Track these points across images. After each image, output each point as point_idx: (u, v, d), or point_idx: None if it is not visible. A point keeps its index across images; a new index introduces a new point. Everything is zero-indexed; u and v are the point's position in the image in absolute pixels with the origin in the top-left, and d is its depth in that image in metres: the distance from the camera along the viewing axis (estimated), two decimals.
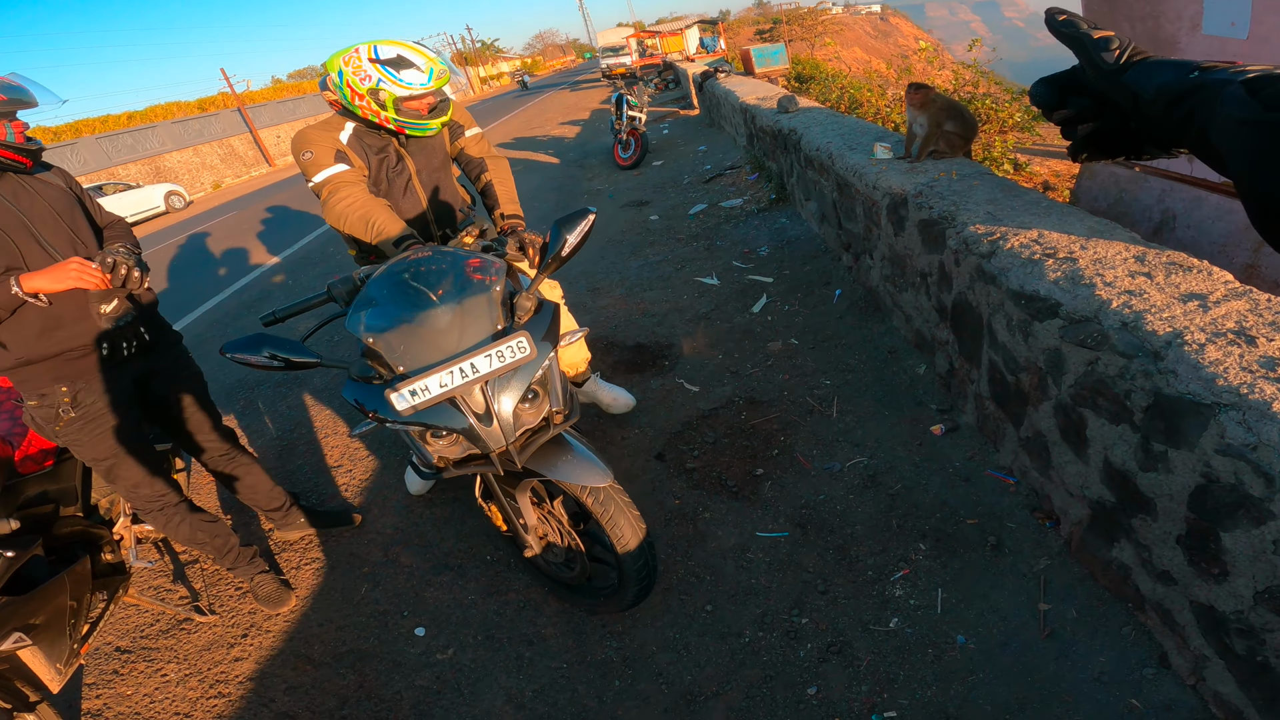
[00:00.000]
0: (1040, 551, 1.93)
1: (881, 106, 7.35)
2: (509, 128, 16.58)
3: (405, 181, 2.34)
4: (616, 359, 3.58)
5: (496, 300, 1.60)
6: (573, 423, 1.76)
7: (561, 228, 1.63)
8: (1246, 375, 1.31)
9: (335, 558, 2.65)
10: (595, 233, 5.87)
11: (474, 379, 1.48)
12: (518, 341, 1.51)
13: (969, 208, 2.47)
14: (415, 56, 2.13)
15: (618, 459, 2.78)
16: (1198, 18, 2.46)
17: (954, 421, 2.56)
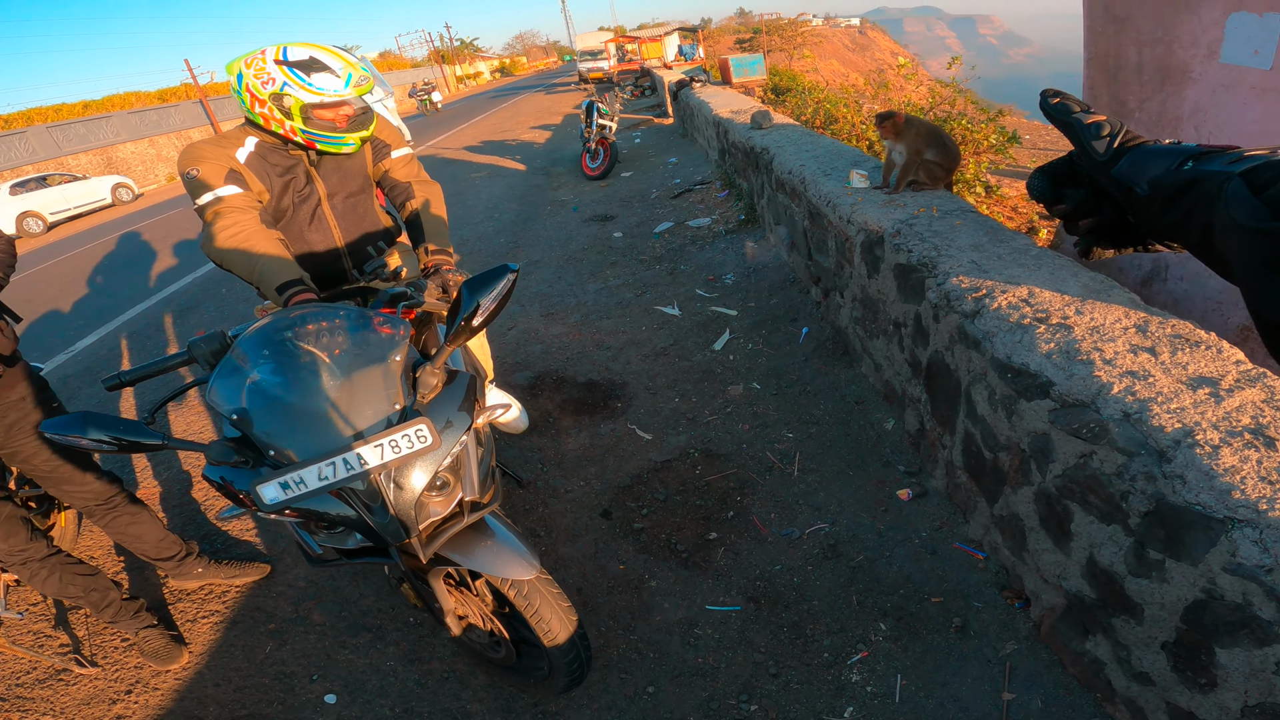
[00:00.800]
0: (1008, 635, 1.82)
1: (857, 123, 7.15)
2: (479, 130, 16.16)
3: (314, 208, 2.01)
4: (565, 397, 3.31)
5: (396, 372, 1.35)
6: (492, 509, 1.54)
7: (473, 291, 1.35)
8: (1266, 488, 1.15)
9: (238, 611, 2.38)
10: (555, 249, 5.55)
11: (360, 472, 1.24)
12: (416, 430, 1.27)
13: (951, 254, 2.21)
14: (330, 59, 1.83)
15: (559, 515, 2.54)
16: (1216, 44, 2.23)
17: (922, 486, 2.37)
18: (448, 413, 1.38)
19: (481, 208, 7.51)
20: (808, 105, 8.23)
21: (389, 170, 2.14)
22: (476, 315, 1.33)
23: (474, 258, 5.75)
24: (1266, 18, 2.04)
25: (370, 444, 1.23)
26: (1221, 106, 2.27)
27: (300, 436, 1.26)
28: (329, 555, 1.44)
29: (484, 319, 1.35)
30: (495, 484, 1.60)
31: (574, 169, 8.93)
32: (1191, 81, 2.35)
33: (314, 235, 2.02)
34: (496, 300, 1.36)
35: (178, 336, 5.25)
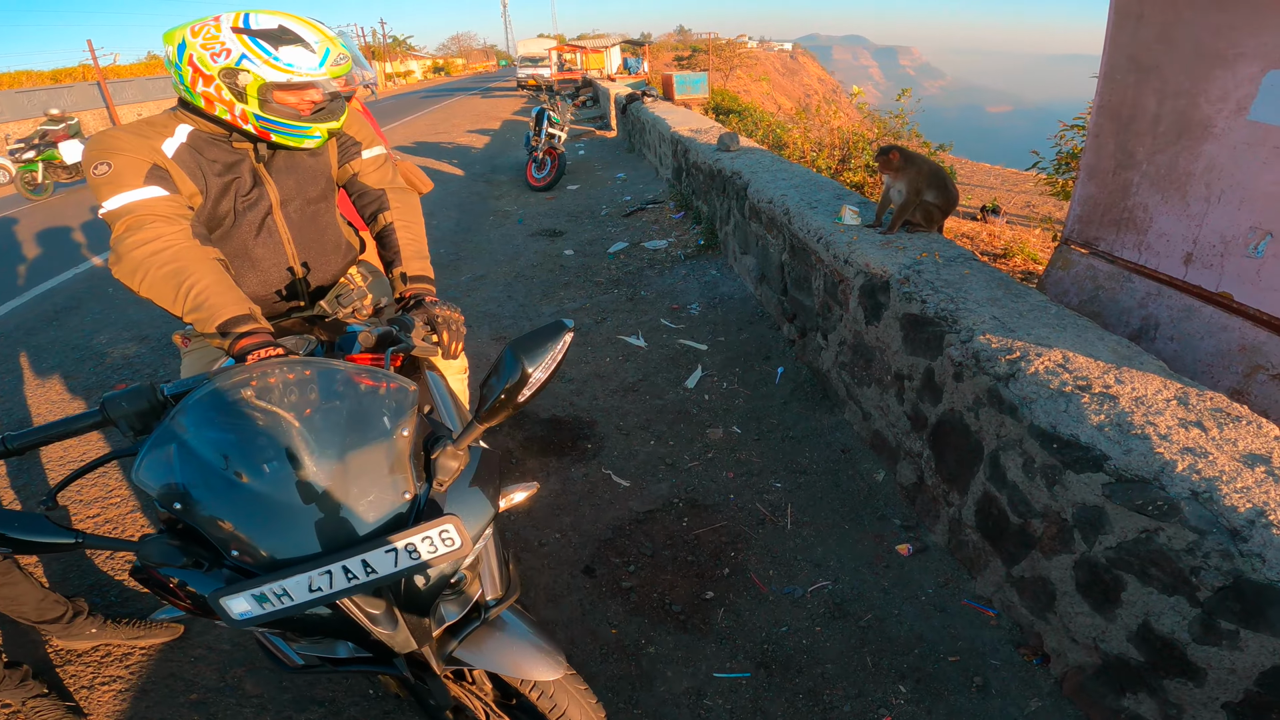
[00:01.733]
0: (1030, 692, 1.78)
1: (806, 149, 7.16)
2: (411, 130, 15.44)
3: (262, 217, 1.59)
4: (528, 435, 3.02)
5: (404, 450, 1.03)
6: (511, 602, 1.27)
7: (521, 355, 1.05)
8: None
9: (147, 678, 1.98)
10: (501, 263, 5.21)
11: (366, 581, 0.94)
12: (441, 531, 0.96)
13: (970, 308, 2.09)
14: (304, 30, 1.43)
15: (537, 571, 2.29)
16: (1246, 100, 2.19)
17: (922, 542, 2.29)
18: (469, 501, 1.09)
19: None
20: (757, 128, 8.21)
21: (358, 173, 1.75)
22: (525, 387, 1.05)
23: None
24: None
25: (381, 548, 0.93)
26: (1239, 165, 2.25)
27: (277, 535, 0.94)
28: (312, 663, 1.12)
29: (532, 394, 1.07)
30: (513, 571, 1.34)
31: (516, 178, 8.57)
32: (1212, 137, 2.33)
33: (261, 251, 1.61)
34: (549, 369, 1.09)
35: (54, 347, 4.47)
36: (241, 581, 0.89)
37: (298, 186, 1.63)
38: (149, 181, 1.40)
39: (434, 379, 1.67)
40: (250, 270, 1.62)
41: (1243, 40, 2.22)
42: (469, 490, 1.11)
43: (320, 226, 1.71)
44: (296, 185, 1.62)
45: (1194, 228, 2.39)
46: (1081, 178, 2.88)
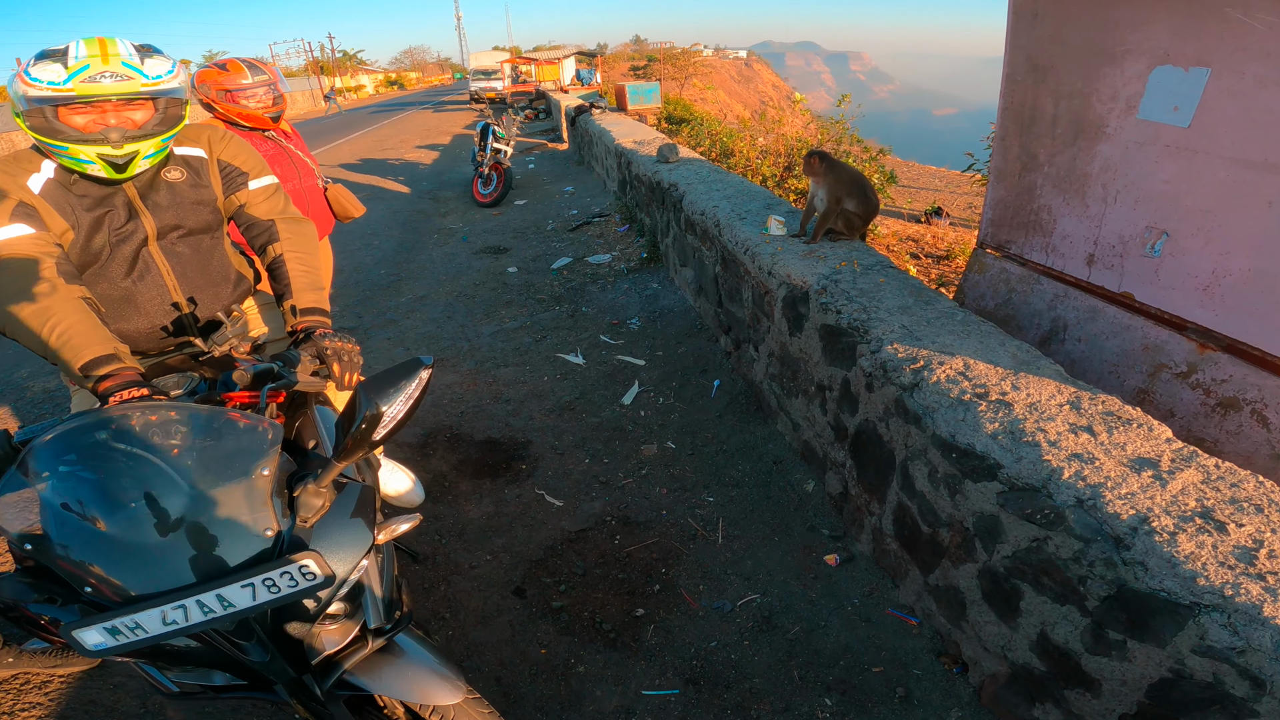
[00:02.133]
0: (950, 701, 1.80)
1: (752, 157, 7.24)
2: (357, 147, 15.18)
3: (136, 250, 1.54)
4: (462, 457, 2.98)
5: (264, 490, 1.08)
6: (401, 629, 1.31)
7: (374, 394, 1.07)
8: (1227, 573, 1.20)
9: (67, 705, 1.93)
10: (444, 283, 5.14)
11: (223, 615, 0.98)
12: (301, 568, 1.01)
13: (881, 317, 2.12)
14: (80, 47, 1.37)
15: (466, 594, 2.25)
16: (1135, 99, 2.24)
17: (849, 551, 2.32)
18: (339, 534, 1.12)
19: (359, 234, 6.90)
20: (705, 137, 8.28)
21: (245, 205, 1.70)
22: (379, 427, 1.07)
23: (348, 291, 5.21)
24: (1191, 72, 2.07)
25: (237, 584, 0.97)
26: (1132, 165, 2.31)
27: (133, 572, 0.98)
28: (190, 689, 1.15)
29: (387, 433, 1.08)
30: (404, 599, 1.37)
31: (464, 194, 8.48)
32: (1105, 137, 2.38)
33: (139, 287, 1.56)
34: (407, 405, 1.10)
35: None
36: (94, 615, 0.92)
37: (177, 217, 1.58)
38: (14, 219, 1.37)
39: (325, 414, 1.64)
40: (130, 307, 1.57)
41: (1128, 36, 2.25)
42: (347, 523, 1.14)
43: (205, 259, 1.67)
44: (176, 216, 1.58)
45: (1094, 229, 2.46)
46: (991, 181, 2.95)
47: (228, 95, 2.51)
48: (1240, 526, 1.28)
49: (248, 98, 2.53)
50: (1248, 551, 1.23)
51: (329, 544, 1.09)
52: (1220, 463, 1.46)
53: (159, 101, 1.44)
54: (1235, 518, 1.30)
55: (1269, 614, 1.11)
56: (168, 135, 1.48)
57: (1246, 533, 1.27)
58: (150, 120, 1.45)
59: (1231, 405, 2.15)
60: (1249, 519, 1.30)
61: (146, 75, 1.39)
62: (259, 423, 1.14)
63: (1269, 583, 1.16)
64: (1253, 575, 1.18)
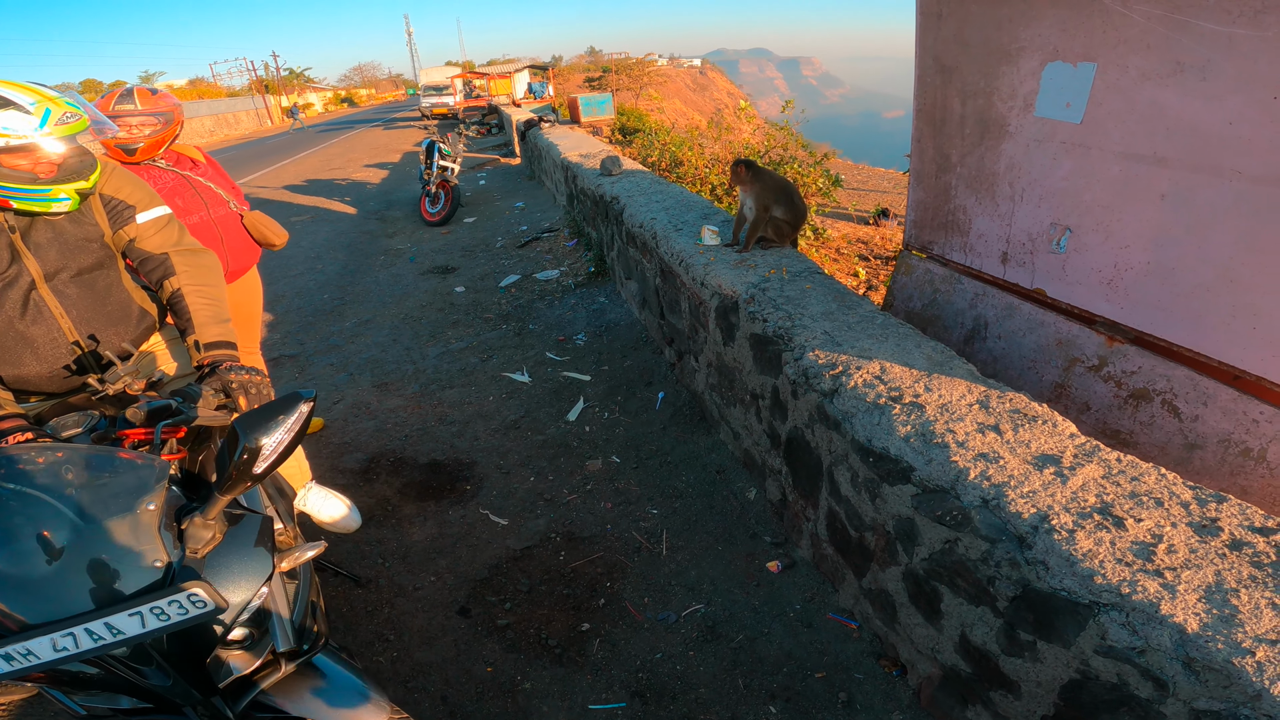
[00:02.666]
0: (891, 704, 1.82)
1: (701, 166, 7.33)
2: (303, 168, 14.90)
3: (25, 294, 1.51)
4: (406, 480, 2.96)
5: (151, 524, 1.11)
6: (316, 652, 1.33)
7: (250, 430, 1.09)
8: (1124, 570, 1.20)
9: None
10: (389, 305, 5.08)
11: (113, 641, 1.01)
12: (190, 596, 1.03)
13: (805, 323, 2.17)
14: (19, 95, 1.39)
15: (410, 615, 2.24)
16: (1032, 97, 2.32)
17: (790, 557, 2.35)
18: (235, 563, 1.16)
19: (302, 258, 6.78)
20: (654, 148, 8.35)
21: (135, 239, 1.65)
22: (258, 461, 1.10)
23: (290, 317, 5.11)
24: (1080, 68, 2.13)
25: (124, 612, 1.00)
26: (1034, 162, 2.38)
27: (25, 602, 1.02)
28: (98, 713, 1.18)
29: (267, 466, 1.10)
30: (319, 622, 1.38)
31: (412, 213, 8.40)
32: (1008, 135, 2.45)
33: (34, 330, 1.52)
34: (284, 439, 1.12)
35: None
36: None
37: (64, 256, 1.55)
38: None
39: None
40: (26, 349, 1.54)
41: (1020, 33, 2.30)
42: (244, 552, 1.17)
43: (100, 297, 1.62)
44: (63, 255, 1.55)
45: (1005, 227, 2.55)
46: (911, 183, 3.02)
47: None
48: (1139, 521, 1.28)
49: (129, 126, 2.35)
50: (1146, 547, 1.22)
51: (224, 573, 1.13)
52: (1122, 456, 1.47)
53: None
54: (1134, 512, 1.30)
55: (1166, 612, 1.10)
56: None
57: (1145, 528, 1.26)
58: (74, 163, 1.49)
59: (1143, 396, 2.22)
60: (1148, 513, 1.30)
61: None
62: (145, 460, 1.18)
63: (1167, 579, 1.15)
64: (1150, 572, 1.17)
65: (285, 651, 1.27)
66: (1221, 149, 1.86)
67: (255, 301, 2.88)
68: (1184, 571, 1.17)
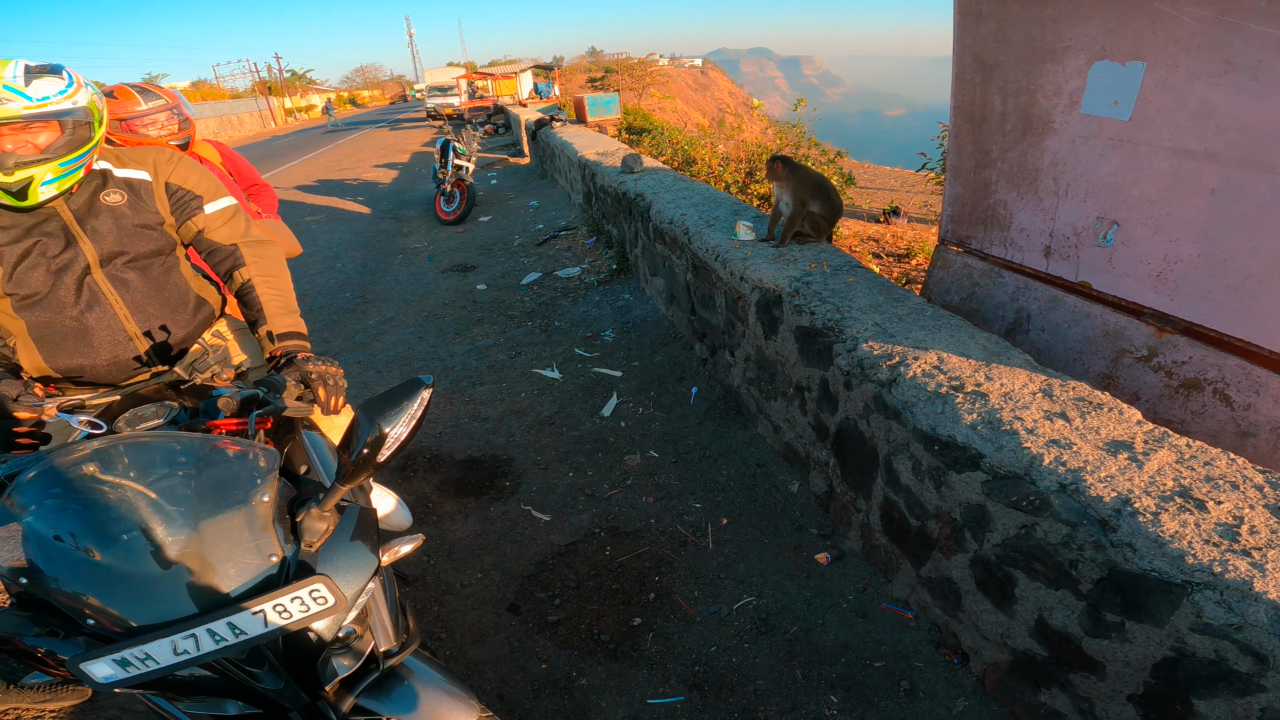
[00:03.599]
0: (955, 692, 1.81)
1: (714, 164, 7.32)
2: (312, 168, 14.93)
3: (78, 280, 1.47)
4: (444, 478, 2.95)
5: (265, 516, 1.07)
6: (411, 651, 1.30)
7: (375, 416, 1.07)
8: (1213, 550, 1.21)
9: None
10: (411, 303, 5.08)
11: (235, 643, 0.97)
12: (312, 591, 1.00)
13: (854, 316, 2.16)
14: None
15: (460, 613, 2.23)
16: (1078, 94, 2.33)
17: (838, 549, 2.34)
18: (345, 558, 1.12)
19: (320, 257, 6.78)
20: (666, 147, 8.35)
21: (204, 230, 1.63)
22: (383, 449, 1.07)
23: (314, 315, 5.12)
24: (1128, 66, 2.15)
25: (249, 610, 0.96)
26: (1080, 158, 2.39)
27: (136, 603, 0.97)
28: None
29: (391, 454, 1.08)
30: (410, 620, 1.37)
31: (426, 212, 8.40)
32: (1053, 132, 2.46)
33: (89, 317, 1.49)
34: (410, 426, 1.10)
35: None
36: (101, 646, 0.91)
37: (122, 242, 1.51)
38: None
39: (313, 439, 1.61)
40: (83, 339, 1.49)
41: (1066, 33, 2.34)
42: (350, 546, 1.14)
43: (157, 285, 1.59)
44: (120, 241, 1.50)
45: (1049, 221, 2.55)
46: (948, 179, 3.04)
47: (123, 125, 2.32)
48: (1219, 504, 1.30)
49: (146, 125, 2.33)
50: (1230, 528, 1.25)
51: (335, 568, 1.10)
52: (1191, 442, 1.49)
53: (65, 123, 1.37)
54: (1213, 495, 1.32)
55: (1260, 589, 1.13)
56: (71, 158, 1.39)
57: (1226, 510, 1.29)
58: (55, 143, 1.37)
59: (1194, 386, 2.23)
60: (1226, 496, 1.32)
61: (29, 98, 1.31)
62: (252, 449, 1.14)
63: (1255, 558, 1.18)
64: (1238, 551, 1.20)
65: (385, 651, 1.24)
66: (1273, 146, 1.89)
67: None
68: (1269, 551, 1.20)
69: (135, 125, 2.32)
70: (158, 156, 1.62)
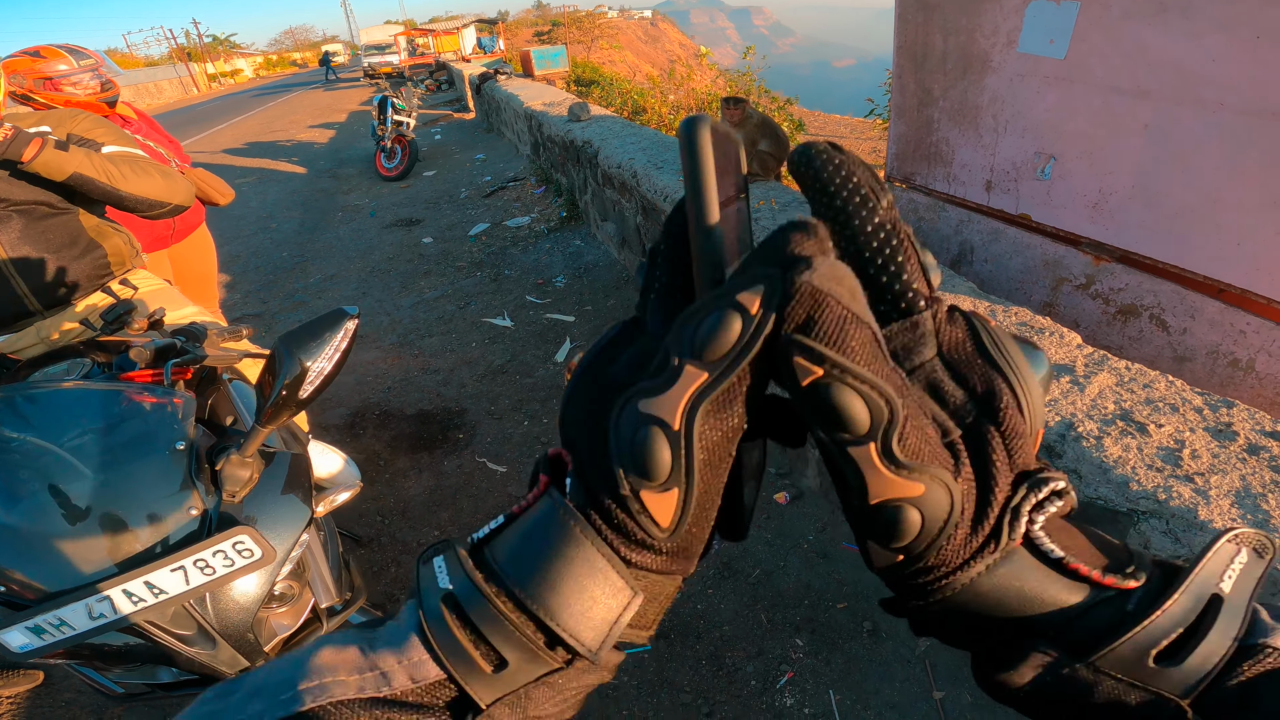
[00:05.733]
0: None
1: (665, 113, 7.21)
2: (240, 131, 14.15)
3: None
4: (395, 434, 2.88)
5: (182, 466, 1.01)
6: (358, 607, 1.25)
7: (295, 349, 0.99)
8: (1157, 476, 1.17)
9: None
10: (354, 259, 4.91)
11: (156, 603, 0.92)
12: (235, 543, 0.95)
13: None
14: None
15: None
16: (1015, 33, 2.35)
17: (797, 488, 2.35)
18: (276, 509, 1.07)
19: (254, 218, 6.48)
20: (615, 97, 8.17)
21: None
22: (303, 384, 0.99)
23: (250, 276, 4.91)
24: (1063, 6, 2.17)
25: (166, 568, 0.90)
26: (1018, 95, 2.42)
27: (44, 565, 0.91)
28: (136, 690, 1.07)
29: (314, 389, 1.01)
30: (355, 575, 1.33)
31: (367, 170, 8.07)
32: (991, 70, 2.49)
33: None
34: (333, 360, 1.03)
35: None
36: (11, 614, 0.85)
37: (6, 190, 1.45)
38: None
39: (240, 389, 1.54)
40: None
41: None
42: (280, 497, 1.07)
43: (41, 229, 1.52)
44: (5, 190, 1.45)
45: (989, 157, 2.60)
46: (893, 117, 3.06)
47: (48, 83, 2.27)
48: (1160, 427, 1.28)
49: (73, 85, 2.30)
50: (1171, 453, 1.22)
51: (265, 519, 1.03)
52: (1130, 365, 1.48)
53: None
54: (1154, 418, 1.30)
55: (1204, 517, 1.08)
56: None
57: (1167, 433, 1.26)
58: None
59: (1130, 312, 2.32)
60: (1166, 419, 1.30)
61: None
62: (167, 398, 1.07)
63: (1198, 484, 1.14)
64: (1181, 477, 1.16)
65: (327, 608, 1.19)
66: (1204, 84, 1.94)
67: (209, 260, 2.76)
68: (1211, 476, 1.16)
69: (60, 84, 2.29)
70: (66, 114, 1.60)
